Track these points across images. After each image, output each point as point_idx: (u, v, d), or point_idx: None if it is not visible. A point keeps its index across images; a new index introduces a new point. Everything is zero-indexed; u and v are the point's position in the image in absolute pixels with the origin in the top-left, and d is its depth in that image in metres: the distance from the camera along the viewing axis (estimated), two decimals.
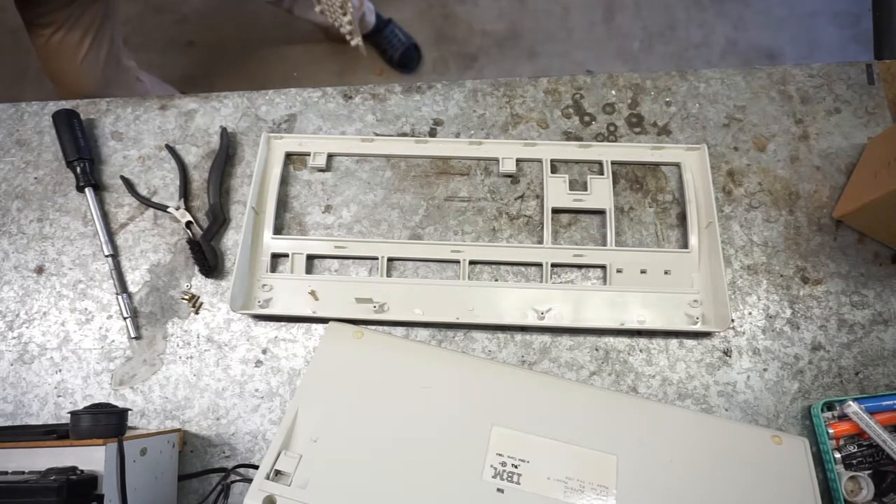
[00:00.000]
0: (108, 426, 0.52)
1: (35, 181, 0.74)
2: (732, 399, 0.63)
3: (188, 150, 0.74)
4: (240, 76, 1.77)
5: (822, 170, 0.71)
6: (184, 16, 1.85)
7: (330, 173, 0.73)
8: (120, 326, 0.67)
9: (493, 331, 0.66)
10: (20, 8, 0.98)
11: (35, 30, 1.02)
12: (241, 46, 1.81)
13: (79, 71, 1.06)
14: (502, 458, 0.54)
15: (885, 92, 0.74)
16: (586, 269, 0.68)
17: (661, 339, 0.66)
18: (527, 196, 0.72)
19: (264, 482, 0.52)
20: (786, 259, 0.68)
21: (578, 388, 0.61)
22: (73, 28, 1.02)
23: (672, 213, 0.70)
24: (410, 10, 1.83)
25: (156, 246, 0.70)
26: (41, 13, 0.99)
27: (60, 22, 1.00)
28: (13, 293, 0.69)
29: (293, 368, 0.65)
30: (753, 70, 0.76)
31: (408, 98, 0.76)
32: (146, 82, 1.25)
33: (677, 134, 0.74)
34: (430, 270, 0.69)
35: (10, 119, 0.76)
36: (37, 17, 1.00)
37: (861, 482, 0.58)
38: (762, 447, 0.57)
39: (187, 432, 0.64)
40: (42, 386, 0.66)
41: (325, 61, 1.78)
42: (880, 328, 0.65)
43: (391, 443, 0.55)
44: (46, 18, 1.00)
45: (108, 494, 0.49)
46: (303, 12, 1.51)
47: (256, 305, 0.66)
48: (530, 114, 0.75)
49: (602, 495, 0.53)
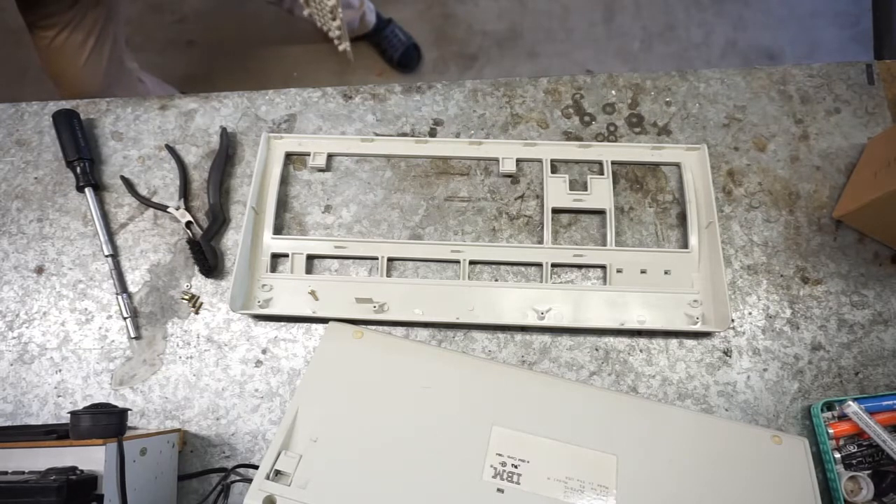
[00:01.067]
0: (108, 426, 0.52)
1: (35, 181, 0.74)
2: (732, 399, 0.63)
3: (188, 150, 0.74)
4: (240, 76, 1.77)
5: (822, 170, 0.71)
6: (184, 16, 1.85)
7: (330, 173, 0.73)
8: (120, 326, 0.67)
9: (493, 331, 0.66)
10: (22, 10, 0.98)
11: (38, 32, 1.02)
12: (241, 46, 1.81)
13: (81, 73, 1.06)
14: (502, 458, 0.54)
15: (885, 92, 0.74)
16: (586, 269, 0.68)
17: (661, 339, 0.66)
18: (527, 196, 0.72)
19: (264, 482, 0.52)
20: (786, 259, 0.68)
21: (578, 388, 0.61)
22: (75, 30, 1.02)
23: (672, 213, 0.70)
24: (410, 10, 1.83)
25: (156, 246, 0.70)
26: (44, 15, 0.99)
27: (63, 24, 1.00)
28: (13, 293, 0.69)
29: (293, 368, 0.65)
30: (753, 70, 0.76)
31: (408, 98, 0.76)
32: (147, 83, 1.25)
33: (677, 134, 0.74)
34: (430, 270, 0.69)
35: (10, 119, 0.76)
36: (39, 19, 1.00)
37: (861, 482, 0.58)
38: (762, 447, 0.57)
39: (187, 432, 0.64)
40: (42, 386, 0.66)
41: (325, 61, 1.78)
42: (880, 328, 0.65)
43: (391, 443, 0.55)
44: (49, 21, 1.00)
45: (108, 494, 0.49)
46: (303, 12, 1.51)
47: (256, 305, 0.66)
48: (530, 114, 0.75)
49: (602, 495, 0.53)
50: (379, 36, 1.72)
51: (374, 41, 1.74)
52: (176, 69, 1.80)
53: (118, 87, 1.14)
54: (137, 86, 1.21)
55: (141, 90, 1.21)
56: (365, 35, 1.71)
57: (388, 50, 1.73)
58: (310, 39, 1.78)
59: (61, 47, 1.02)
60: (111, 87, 1.11)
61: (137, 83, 1.21)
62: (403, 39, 1.73)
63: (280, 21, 1.76)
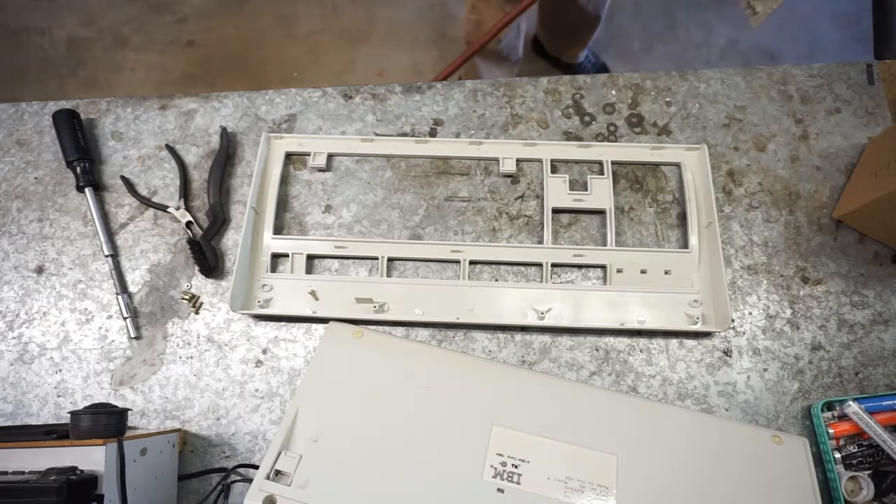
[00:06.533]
0: (108, 426, 0.52)
1: (35, 181, 0.74)
2: (732, 399, 0.63)
3: (188, 150, 0.74)
4: (240, 76, 1.77)
5: (822, 170, 0.71)
6: (184, 16, 1.85)
7: (330, 173, 0.73)
8: (120, 326, 0.67)
9: (493, 331, 0.66)
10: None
11: None
12: (241, 46, 1.81)
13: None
14: (502, 458, 0.54)
15: (885, 92, 0.74)
16: (586, 269, 0.68)
17: (661, 339, 0.66)
18: (527, 196, 0.72)
19: (264, 482, 0.52)
20: (786, 259, 0.68)
21: (578, 388, 0.61)
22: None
23: (672, 213, 0.70)
24: (410, 10, 1.83)
25: (156, 246, 0.70)
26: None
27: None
28: (13, 293, 0.69)
29: (293, 368, 0.65)
30: (753, 70, 0.76)
31: (408, 98, 0.76)
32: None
33: (677, 134, 0.74)
34: (430, 270, 0.69)
35: (10, 119, 0.76)
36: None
37: (861, 482, 0.58)
38: (762, 447, 0.57)
39: (187, 432, 0.64)
40: (42, 386, 0.66)
41: (325, 61, 1.78)
42: (880, 328, 0.65)
43: (391, 443, 0.55)
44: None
45: (108, 494, 0.49)
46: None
47: (256, 305, 0.66)
48: (530, 114, 0.75)
49: (602, 495, 0.53)
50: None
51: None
52: (176, 69, 1.80)
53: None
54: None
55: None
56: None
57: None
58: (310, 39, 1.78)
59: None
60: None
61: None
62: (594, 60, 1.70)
63: (280, 21, 1.76)
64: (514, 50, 1.51)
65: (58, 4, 1.84)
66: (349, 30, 1.83)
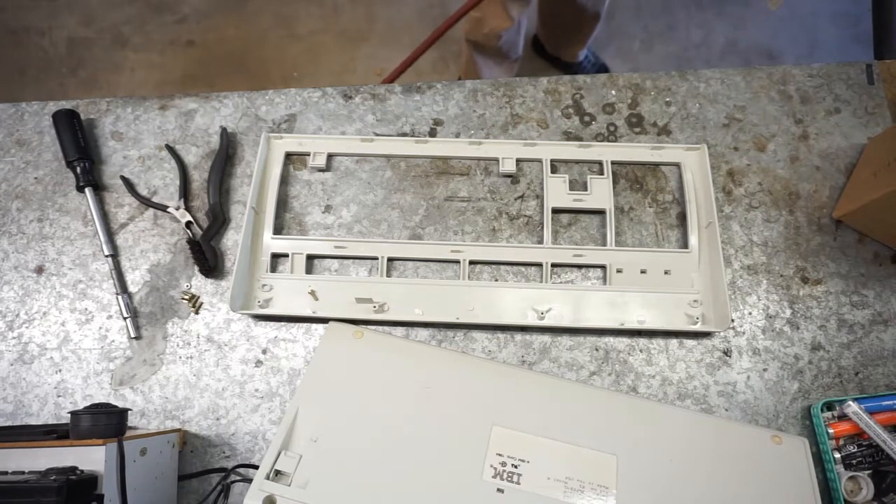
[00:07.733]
0: (108, 426, 0.52)
1: (35, 181, 0.74)
2: (732, 399, 0.63)
3: (188, 150, 0.74)
4: (240, 76, 1.77)
5: (822, 170, 0.71)
6: (184, 16, 1.85)
7: (330, 173, 0.73)
8: (120, 326, 0.67)
9: (493, 331, 0.66)
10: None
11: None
12: (241, 46, 1.81)
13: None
14: (502, 458, 0.54)
15: (885, 92, 0.74)
16: (586, 269, 0.68)
17: (661, 339, 0.66)
18: (527, 196, 0.72)
19: (264, 482, 0.52)
20: (786, 259, 0.68)
21: (578, 388, 0.61)
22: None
23: (672, 213, 0.70)
24: (410, 9, 1.83)
25: (156, 246, 0.70)
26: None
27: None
28: (13, 293, 0.69)
29: (293, 368, 0.65)
30: (753, 70, 0.76)
31: (408, 98, 0.76)
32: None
33: (677, 134, 0.74)
34: (430, 270, 0.69)
35: (10, 119, 0.76)
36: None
37: (861, 482, 0.58)
38: (762, 447, 0.57)
39: (187, 432, 0.64)
40: (42, 386, 0.66)
41: (325, 61, 1.78)
42: (880, 328, 0.65)
43: (391, 443, 0.55)
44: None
45: (108, 494, 0.49)
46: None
47: (256, 305, 0.66)
48: (530, 114, 0.75)
49: (602, 495, 0.53)
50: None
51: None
52: (176, 69, 1.80)
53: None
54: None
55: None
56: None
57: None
58: (310, 39, 1.78)
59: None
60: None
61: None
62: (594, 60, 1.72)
63: (280, 21, 1.76)
64: (514, 47, 1.51)
65: (58, 4, 1.84)
66: (349, 30, 1.83)
